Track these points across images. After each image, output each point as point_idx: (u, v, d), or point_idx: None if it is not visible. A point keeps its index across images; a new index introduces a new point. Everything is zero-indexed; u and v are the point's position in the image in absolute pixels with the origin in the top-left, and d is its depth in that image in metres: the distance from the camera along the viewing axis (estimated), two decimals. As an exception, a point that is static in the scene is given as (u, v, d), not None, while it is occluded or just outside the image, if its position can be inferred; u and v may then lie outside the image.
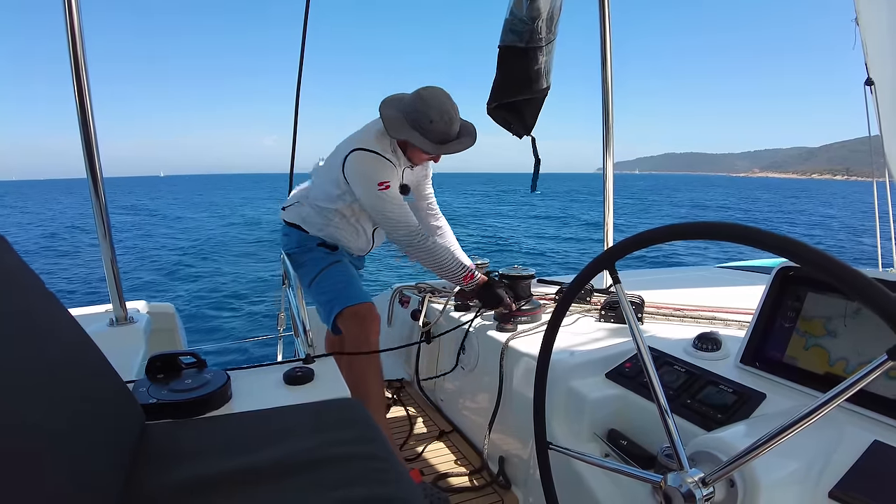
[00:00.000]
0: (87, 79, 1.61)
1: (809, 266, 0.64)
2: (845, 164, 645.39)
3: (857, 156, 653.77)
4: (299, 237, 2.22)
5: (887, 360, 0.61)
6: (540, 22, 1.84)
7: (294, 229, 2.24)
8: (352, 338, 1.99)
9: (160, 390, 1.17)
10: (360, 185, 1.99)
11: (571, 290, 1.03)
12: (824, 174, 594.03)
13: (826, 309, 1.22)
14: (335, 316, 2.02)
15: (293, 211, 2.26)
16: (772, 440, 0.71)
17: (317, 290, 2.12)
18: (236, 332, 8.27)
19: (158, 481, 0.85)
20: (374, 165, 1.98)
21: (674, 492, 0.80)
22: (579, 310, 2.10)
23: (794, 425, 0.69)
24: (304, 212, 2.23)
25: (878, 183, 3.52)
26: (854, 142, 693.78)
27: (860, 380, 0.65)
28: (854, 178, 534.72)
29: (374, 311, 2.04)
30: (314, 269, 2.14)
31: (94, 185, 1.68)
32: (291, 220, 2.25)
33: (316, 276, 2.12)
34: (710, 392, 1.25)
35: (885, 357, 0.61)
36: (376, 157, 1.99)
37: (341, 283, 2.09)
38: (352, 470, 0.89)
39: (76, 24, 1.56)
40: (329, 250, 2.20)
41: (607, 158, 2.22)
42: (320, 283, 2.11)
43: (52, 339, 0.84)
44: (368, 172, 1.97)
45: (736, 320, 1.81)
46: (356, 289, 2.09)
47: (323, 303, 2.09)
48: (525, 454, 1.75)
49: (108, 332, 1.83)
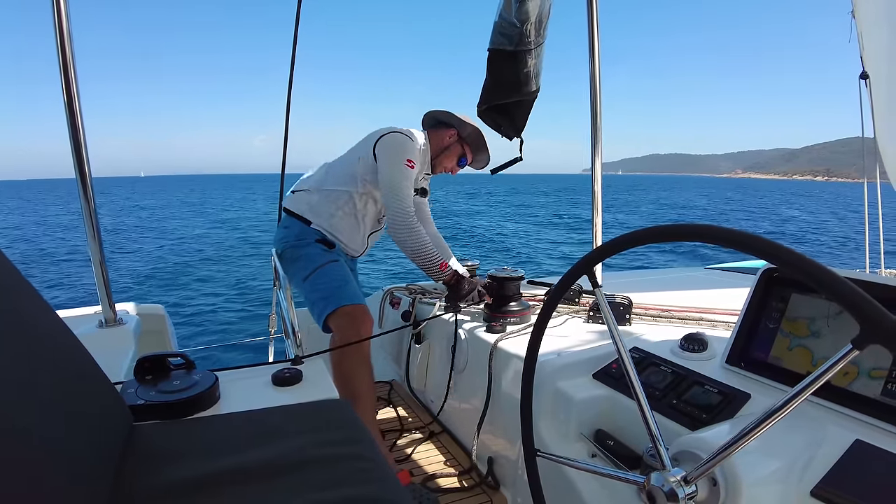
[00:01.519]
0: (76, 79, 1.59)
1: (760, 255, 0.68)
2: (826, 165, 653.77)
3: (837, 157, 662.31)
4: (299, 230, 2.21)
5: (852, 350, 0.63)
6: (529, 25, 1.85)
7: (295, 220, 2.22)
8: (343, 338, 1.99)
9: (148, 391, 1.16)
10: (388, 157, 2.13)
11: (553, 297, 1.05)
12: (805, 175, 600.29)
13: (810, 310, 1.24)
14: (328, 315, 2.02)
15: (300, 198, 2.26)
16: (748, 434, 0.72)
17: (311, 286, 2.10)
18: (228, 334, 8.24)
19: (146, 482, 0.85)
20: (409, 145, 2.17)
21: (657, 491, 0.81)
22: (567, 311, 2.11)
23: (768, 419, 0.70)
24: (312, 199, 2.24)
25: (869, 185, 3.55)
26: (835, 143, 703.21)
27: (827, 370, 0.66)
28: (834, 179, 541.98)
29: (368, 314, 2.05)
30: (310, 265, 2.13)
31: (83, 186, 1.67)
32: (295, 209, 2.24)
33: (312, 272, 2.11)
34: (696, 392, 1.26)
35: (850, 346, 0.63)
36: (413, 142, 2.19)
37: (337, 283, 2.08)
38: (339, 471, 0.90)
39: (64, 22, 1.55)
40: (326, 248, 2.20)
41: (595, 159, 2.23)
42: (315, 280, 2.10)
43: (39, 340, 0.83)
44: (401, 148, 2.15)
45: (722, 321, 1.83)
46: (351, 290, 2.08)
47: (316, 300, 2.07)
48: (514, 455, 1.76)
49: (96, 334, 1.82)
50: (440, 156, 2.36)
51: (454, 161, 2.39)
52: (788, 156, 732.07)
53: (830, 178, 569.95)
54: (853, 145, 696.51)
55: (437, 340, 2.33)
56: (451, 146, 2.35)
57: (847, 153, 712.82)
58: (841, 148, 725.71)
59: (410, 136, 2.20)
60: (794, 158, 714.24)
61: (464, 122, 2.33)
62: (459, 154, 2.37)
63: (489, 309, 2.07)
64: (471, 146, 2.38)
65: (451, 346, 2.15)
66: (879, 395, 1.05)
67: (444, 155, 2.36)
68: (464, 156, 2.38)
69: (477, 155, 2.42)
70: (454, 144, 2.35)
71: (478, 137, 2.36)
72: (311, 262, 2.13)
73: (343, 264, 2.20)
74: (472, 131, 2.34)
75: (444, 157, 2.36)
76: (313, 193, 2.25)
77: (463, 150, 2.37)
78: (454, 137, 2.35)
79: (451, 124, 2.37)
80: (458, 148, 2.36)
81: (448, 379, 2.23)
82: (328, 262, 2.14)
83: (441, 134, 2.35)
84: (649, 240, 0.83)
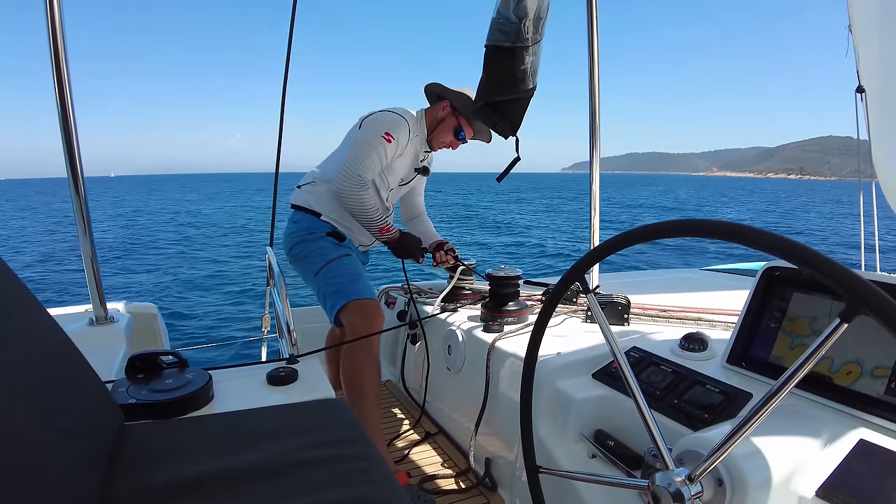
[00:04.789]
0: (69, 77, 1.58)
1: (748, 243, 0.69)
2: (799, 163, 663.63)
3: (809, 155, 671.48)
4: (310, 223, 2.17)
5: (841, 324, 0.63)
6: (527, 22, 1.83)
7: (305, 214, 2.19)
8: (353, 332, 1.96)
9: (140, 390, 1.14)
10: (366, 130, 2.10)
11: (549, 304, 1.04)
12: (780, 173, 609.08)
13: (811, 309, 1.22)
14: (339, 308, 1.99)
15: (306, 191, 2.23)
16: (753, 419, 0.71)
17: (323, 280, 2.07)
18: (221, 333, 8.19)
19: (135, 483, 0.83)
20: (394, 122, 2.11)
21: (662, 492, 0.79)
22: (566, 311, 2.09)
23: (766, 404, 0.70)
24: (319, 190, 2.20)
25: (864, 185, 3.55)
26: (808, 142, 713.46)
27: (820, 346, 0.66)
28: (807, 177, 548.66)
29: (379, 309, 2.04)
30: (322, 258, 2.10)
31: (75, 183, 1.65)
32: (303, 202, 2.21)
33: (324, 265, 2.08)
34: (697, 392, 1.25)
35: (839, 321, 0.63)
36: (400, 119, 2.13)
37: (350, 276, 2.06)
38: (335, 471, 0.88)
39: (57, 21, 1.53)
40: (338, 241, 2.18)
41: (594, 158, 2.22)
42: (328, 273, 2.07)
43: (28, 338, 0.81)
44: (382, 122, 2.11)
45: (722, 321, 1.82)
46: (364, 284, 2.07)
47: (328, 294, 2.05)
48: (511, 456, 1.74)
49: (87, 332, 1.79)
50: (435, 130, 2.29)
51: (450, 134, 2.29)
52: (764, 154, 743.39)
53: (804, 175, 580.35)
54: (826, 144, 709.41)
55: (433, 340, 2.31)
56: (446, 119, 2.27)
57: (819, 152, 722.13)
58: (814, 147, 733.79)
59: (399, 113, 2.15)
60: (770, 157, 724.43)
61: (456, 92, 2.24)
62: (454, 126, 2.28)
63: (486, 308, 2.05)
64: (466, 117, 2.26)
65: (448, 346, 2.13)
66: (883, 394, 1.05)
67: (440, 129, 2.29)
68: (460, 128, 2.28)
69: (474, 125, 2.28)
70: (448, 117, 2.27)
71: (466, 101, 2.22)
72: (323, 256, 2.11)
73: (355, 259, 2.18)
74: (465, 100, 2.22)
75: (439, 132, 2.29)
76: (319, 185, 2.21)
77: (458, 121, 2.27)
78: (447, 110, 2.26)
79: (443, 96, 2.30)
80: (452, 120, 2.27)
81: (444, 379, 2.22)
82: (340, 255, 2.12)
83: (435, 108, 2.29)
84: (640, 239, 0.84)
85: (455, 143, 2.33)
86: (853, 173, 3.40)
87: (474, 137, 2.34)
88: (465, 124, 2.27)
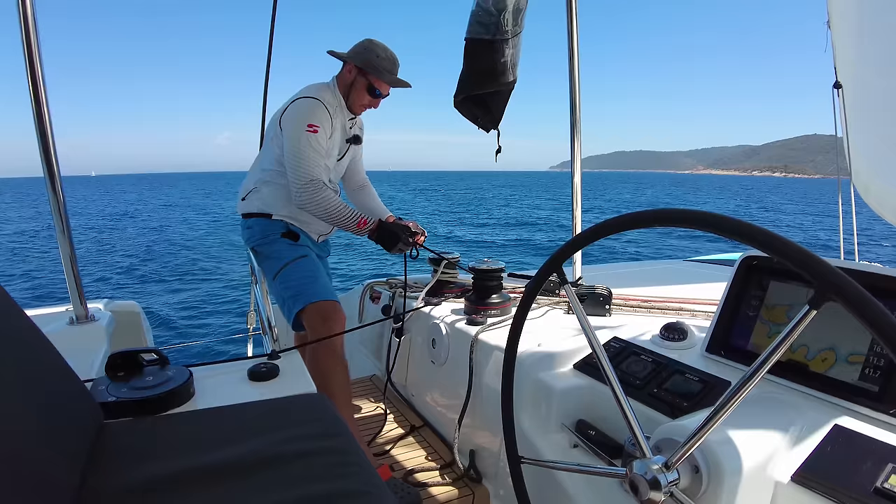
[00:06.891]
0: (43, 76, 1.56)
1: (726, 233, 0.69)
2: (783, 161, 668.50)
3: (793, 153, 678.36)
4: (262, 227, 2.14)
5: (810, 310, 0.64)
6: (506, 14, 1.83)
7: (255, 219, 2.16)
8: (314, 334, 1.95)
9: (120, 388, 1.14)
10: (288, 130, 2.05)
11: (527, 296, 1.06)
12: (764, 171, 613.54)
13: (788, 297, 1.24)
14: (297, 312, 1.98)
15: (251, 200, 2.19)
16: (727, 405, 0.72)
17: (280, 284, 2.06)
18: (206, 331, 8.15)
19: (115, 481, 0.82)
20: (310, 109, 2.07)
21: (640, 480, 0.80)
22: (548, 302, 2.10)
23: (739, 391, 0.71)
24: (262, 194, 2.17)
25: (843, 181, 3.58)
26: (792, 140, 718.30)
27: (790, 333, 0.67)
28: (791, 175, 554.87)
29: (340, 310, 2.01)
30: (278, 262, 2.08)
31: (52, 183, 1.64)
32: (250, 210, 2.18)
33: (280, 269, 2.06)
34: (677, 381, 1.26)
35: (808, 307, 0.64)
36: (314, 102, 2.08)
37: (306, 279, 2.04)
38: (316, 465, 0.88)
39: (30, 20, 1.51)
40: (293, 242, 2.15)
41: (575, 154, 2.23)
42: (284, 277, 2.05)
43: (2, 337, 0.80)
44: (299, 116, 2.05)
45: (702, 311, 1.84)
46: (321, 285, 2.05)
47: (286, 298, 2.03)
48: (495, 447, 1.75)
49: (66, 331, 1.77)
50: (350, 94, 2.21)
51: (366, 94, 2.20)
52: (749, 152, 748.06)
53: (787, 173, 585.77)
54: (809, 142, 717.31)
55: (418, 334, 2.31)
56: (355, 80, 2.18)
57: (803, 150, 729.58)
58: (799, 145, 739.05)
59: (311, 96, 2.09)
60: (755, 155, 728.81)
61: (352, 52, 2.17)
62: (366, 85, 2.18)
63: (470, 301, 2.06)
64: (372, 72, 2.15)
65: (432, 340, 2.13)
66: (857, 380, 1.07)
67: (354, 92, 2.20)
68: (373, 85, 2.18)
69: (384, 78, 2.17)
70: (358, 77, 2.18)
71: (368, 57, 2.14)
72: (279, 260, 2.09)
73: (313, 259, 2.16)
74: (364, 55, 2.14)
75: (354, 95, 2.20)
76: (261, 189, 2.18)
77: (368, 80, 2.17)
78: (353, 72, 2.18)
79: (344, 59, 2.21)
80: (362, 80, 2.18)
81: (429, 373, 2.22)
82: (296, 258, 2.10)
83: (342, 74, 2.22)
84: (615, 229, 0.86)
85: (374, 101, 2.25)
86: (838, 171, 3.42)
87: (394, 86, 2.24)
88: (375, 80, 2.18)
